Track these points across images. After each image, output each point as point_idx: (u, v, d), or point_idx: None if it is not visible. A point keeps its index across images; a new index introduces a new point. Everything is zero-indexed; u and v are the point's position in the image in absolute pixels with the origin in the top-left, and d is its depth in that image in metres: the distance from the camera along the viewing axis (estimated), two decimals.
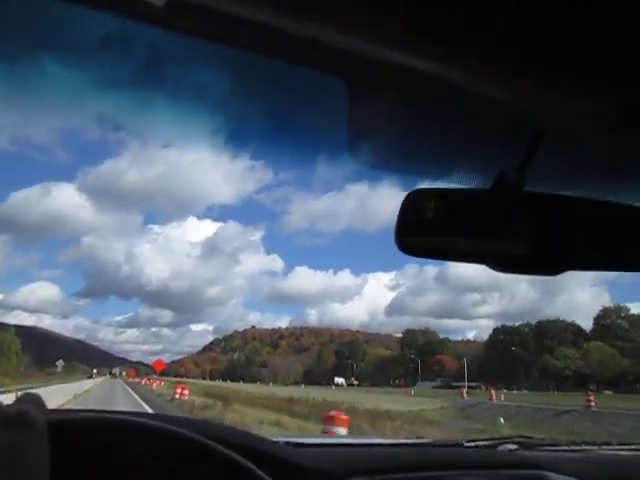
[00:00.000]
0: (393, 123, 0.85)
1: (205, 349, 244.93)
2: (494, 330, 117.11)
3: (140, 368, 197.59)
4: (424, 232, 0.84)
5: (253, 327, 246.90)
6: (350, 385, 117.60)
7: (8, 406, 0.51)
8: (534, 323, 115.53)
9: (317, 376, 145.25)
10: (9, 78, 0.74)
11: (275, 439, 1.33)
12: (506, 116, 0.74)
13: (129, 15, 0.62)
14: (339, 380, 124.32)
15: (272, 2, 0.54)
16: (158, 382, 54.90)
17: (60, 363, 75.29)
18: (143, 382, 68.06)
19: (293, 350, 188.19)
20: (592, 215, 0.86)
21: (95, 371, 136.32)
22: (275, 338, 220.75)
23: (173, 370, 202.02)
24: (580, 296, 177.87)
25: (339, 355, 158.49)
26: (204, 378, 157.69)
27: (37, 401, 0.54)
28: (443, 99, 0.73)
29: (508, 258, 0.84)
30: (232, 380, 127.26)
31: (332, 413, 10.75)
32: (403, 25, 0.56)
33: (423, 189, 0.84)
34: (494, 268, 0.84)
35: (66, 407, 11.62)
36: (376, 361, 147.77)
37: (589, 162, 0.89)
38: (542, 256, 0.83)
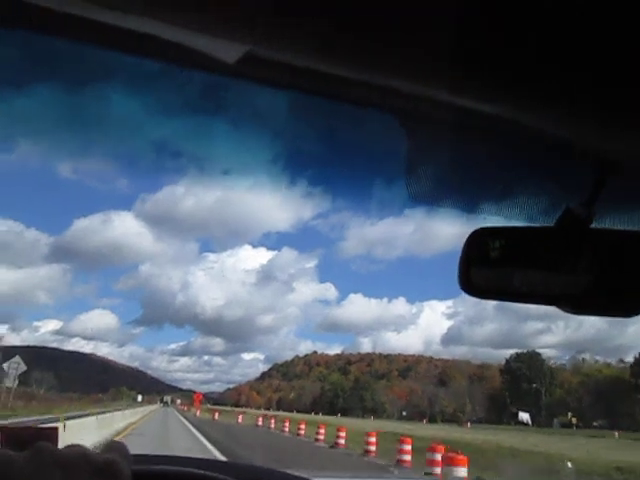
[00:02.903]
0: (451, 160, 0.82)
1: (264, 376, 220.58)
2: None
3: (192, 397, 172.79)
4: (489, 272, 0.80)
5: (315, 352, 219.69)
6: (567, 426, 71.53)
7: (96, 454, 0.52)
8: None
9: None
10: (73, 107, 0.76)
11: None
12: (571, 152, 0.71)
13: (198, 68, 0.64)
14: (524, 416, 79.13)
15: (327, 50, 0.55)
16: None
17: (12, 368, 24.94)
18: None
19: (368, 377, 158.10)
20: None
21: (140, 398, 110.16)
22: (342, 364, 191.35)
23: (230, 399, 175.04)
24: None
25: (514, 377, 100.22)
26: (268, 408, 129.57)
27: (123, 450, 0.55)
28: (504, 136, 0.71)
29: (577, 299, 0.79)
30: (331, 412, 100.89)
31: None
32: (453, 66, 0.55)
33: (487, 228, 0.80)
34: (564, 309, 0.79)
35: None
36: (588, 385, 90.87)
37: None
38: (614, 296, 0.78)
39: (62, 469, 0.47)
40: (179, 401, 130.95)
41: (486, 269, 0.80)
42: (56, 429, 0.59)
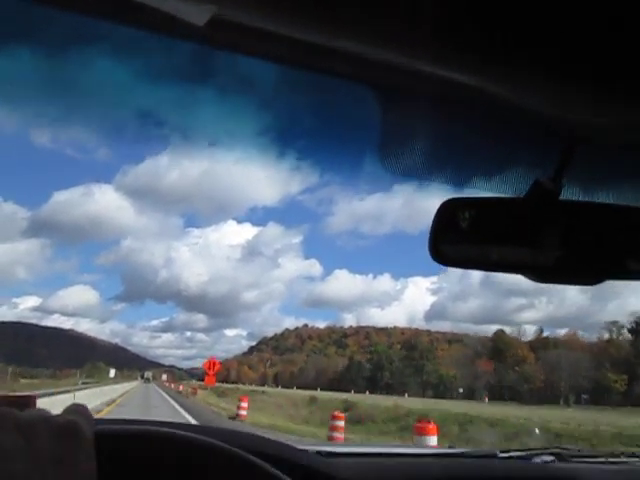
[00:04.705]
0: (425, 132, 0.84)
1: (252, 350, 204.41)
2: None
3: (175, 372, 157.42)
4: (458, 242, 0.82)
5: (306, 325, 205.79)
6: None
7: (57, 416, 0.51)
8: None
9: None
10: (53, 71, 0.72)
11: (306, 448, 1.32)
12: (540, 125, 0.72)
13: (169, 33, 0.63)
14: None
15: (306, 19, 0.54)
16: None
17: None
18: None
19: (369, 350, 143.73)
20: (631, 223, 0.81)
21: (113, 372, 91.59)
22: (336, 337, 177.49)
23: (217, 374, 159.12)
24: (634, 302, 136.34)
25: None
26: (263, 384, 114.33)
27: (84, 412, 0.54)
28: (475, 109, 0.73)
29: (545, 267, 0.81)
30: (372, 389, 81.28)
31: None
32: (434, 37, 0.55)
33: (457, 199, 0.81)
34: (530, 278, 0.81)
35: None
36: None
37: (626, 168, 0.85)
38: (580, 265, 0.80)
39: (23, 432, 0.47)
40: (165, 377, 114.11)
41: (456, 239, 0.82)
42: (33, 397, 0.58)
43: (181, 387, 51.55)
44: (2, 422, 0.47)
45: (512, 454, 1.60)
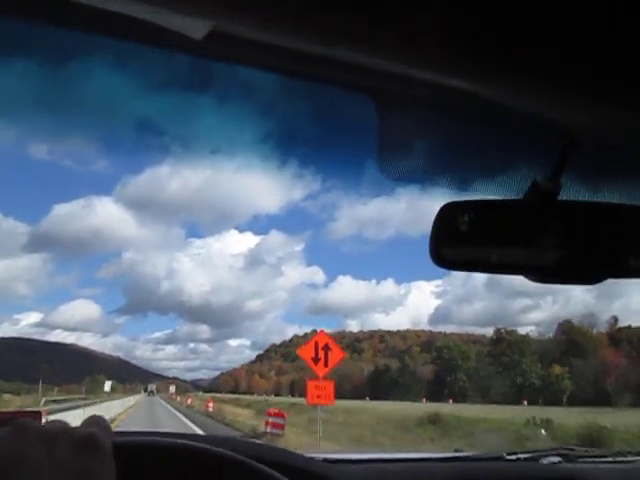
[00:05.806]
0: (423, 137, 0.84)
1: (261, 358, 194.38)
2: None
3: (179, 384, 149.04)
4: (459, 245, 0.83)
5: (314, 331, 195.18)
6: None
7: (77, 428, 0.52)
8: None
9: None
10: (53, 83, 0.72)
11: (313, 455, 1.35)
12: (538, 126, 0.72)
13: (167, 46, 0.63)
14: None
15: (304, 30, 0.54)
16: None
17: None
18: None
19: (387, 354, 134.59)
20: (629, 221, 0.82)
21: (109, 385, 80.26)
22: (349, 342, 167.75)
23: (225, 385, 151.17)
24: (639, 300, 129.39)
25: None
26: (278, 394, 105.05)
27: (104, 424, 0.55)
28: (473, 113, 0.73)
29: (545, 268, 0.82)
30: (438, 398, 65.23)
31: None
32: (429, 45, 0.56)
33: (457, 202, 0.82)
34: (531, 279, 0.82)
35: None
36: None
37: (623, 167, 0.85)
38: (580, 264, 0.80)
39: (45, 443, 0.47)
40: (173, 389, 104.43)
41: (456, 242, 0.82)
42: (39, 413, 0.61)
43: (210, 404, 34.08)
44: (24, 433, 0.47)
45: (519, 456, 1.60)
